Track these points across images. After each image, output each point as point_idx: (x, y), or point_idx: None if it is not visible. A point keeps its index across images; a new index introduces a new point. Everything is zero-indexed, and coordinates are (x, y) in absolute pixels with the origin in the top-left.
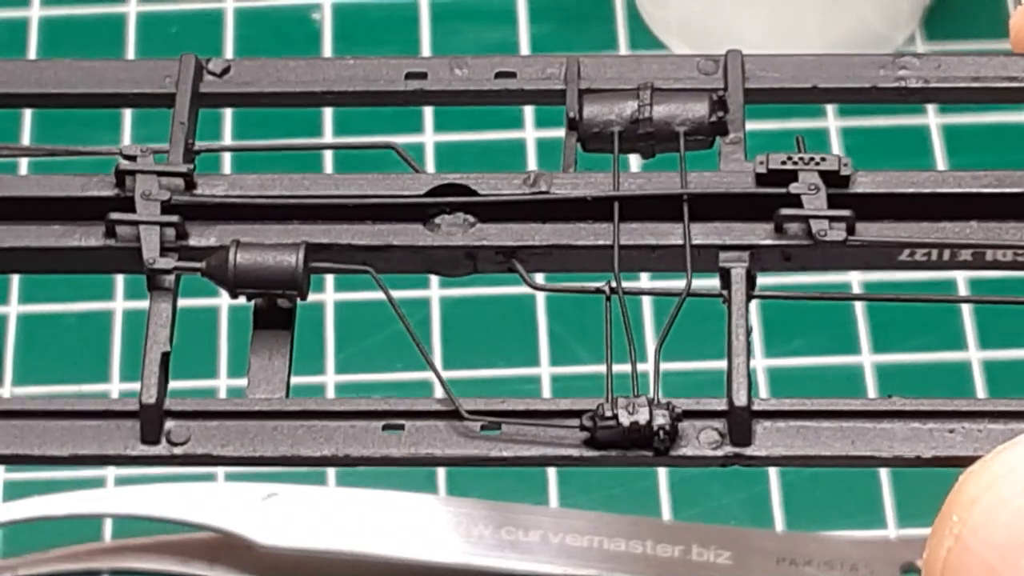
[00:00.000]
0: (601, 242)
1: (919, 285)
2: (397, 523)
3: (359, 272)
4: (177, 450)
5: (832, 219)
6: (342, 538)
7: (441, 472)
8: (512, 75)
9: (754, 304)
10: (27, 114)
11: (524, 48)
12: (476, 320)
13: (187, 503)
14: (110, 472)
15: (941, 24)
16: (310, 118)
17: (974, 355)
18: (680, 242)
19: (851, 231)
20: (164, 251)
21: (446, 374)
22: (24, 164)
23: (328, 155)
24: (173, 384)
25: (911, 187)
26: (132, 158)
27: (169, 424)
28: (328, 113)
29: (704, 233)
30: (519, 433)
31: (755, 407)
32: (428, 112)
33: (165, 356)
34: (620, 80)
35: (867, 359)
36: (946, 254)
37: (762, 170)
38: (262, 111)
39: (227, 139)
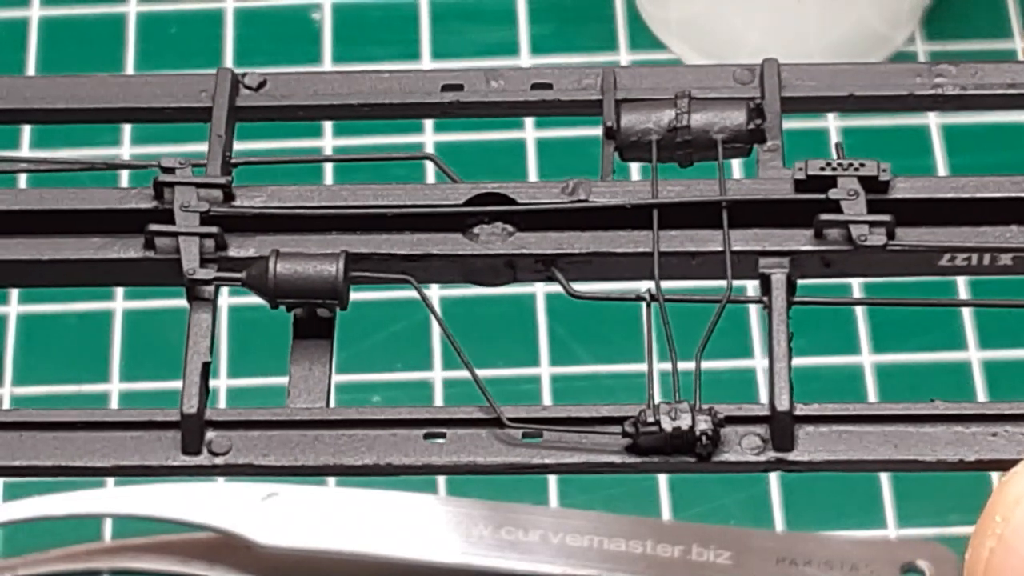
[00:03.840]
0: (641, 249)
1: (920, 287)
2: (397, 523)
3: (399, 282)
4: (219, 460)
5: (872, 224)
6: (342, 538)
7: None
8: (548, 86)
9: (754, 304)
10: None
11: (524, 48)
12: (476, 320)
13: (187, 503)
14: None
15: (941, 24)
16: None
17: (974, 355)
18: (720, 249)
19: (891, 236)
20: (203, 262)
21: (446, 374)
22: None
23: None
24: (170, 384)
25: (951, 192)
26: (171, 170)
27: (210, 434)
28: None
29: (744, 240)
30: (561, 440)
31: (797, 412)
32: None
33: (206, 366)
34: (656, 90)
35: (867, 359)
36: (986, 259)
37: (801, 176)
38: None
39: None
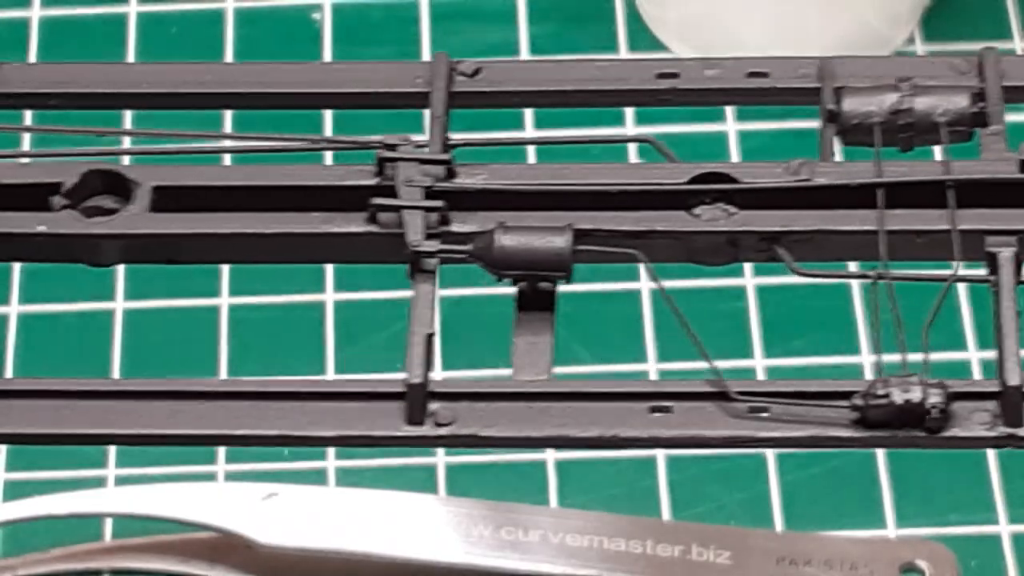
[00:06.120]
0: (866, 227)
1: None
2: (397, 523)
3: (625, 258)
4: (443, 431)
5: None
6: (342, 538)
7: (441, 472)
8: (764, 75)
9: (753, 303)
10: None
11: (524, 48)
12: (476, 320)
13: (187, 503)
14: (110, 472)
15: (941, 24)
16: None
17: (974, 355)
18: (946, 227)
19: None
20: (427, 236)
21: (446, 374)
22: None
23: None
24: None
25: None
26: (393, 147)
27: (434, 405)
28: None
29: (970, 219)
30: (787, 414)
31: None
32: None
33: (430, 337)
34: (873, 79)
35: (867, 359)
36: None
37: None
38: None
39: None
